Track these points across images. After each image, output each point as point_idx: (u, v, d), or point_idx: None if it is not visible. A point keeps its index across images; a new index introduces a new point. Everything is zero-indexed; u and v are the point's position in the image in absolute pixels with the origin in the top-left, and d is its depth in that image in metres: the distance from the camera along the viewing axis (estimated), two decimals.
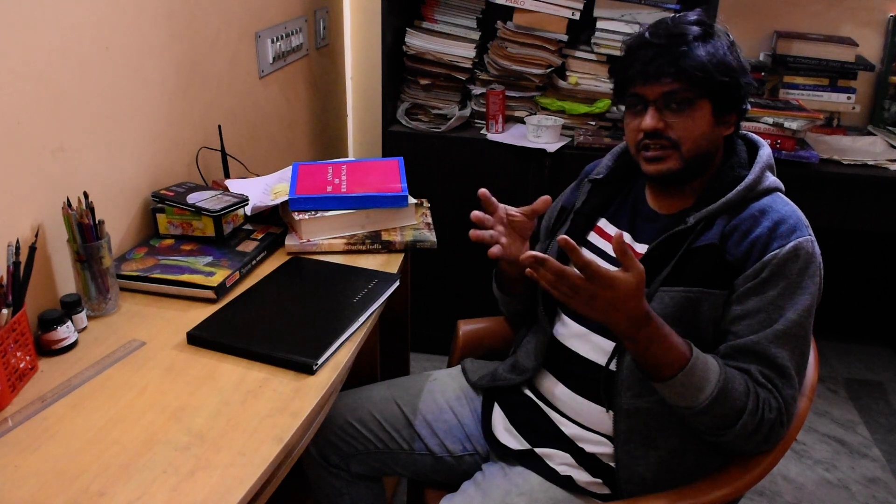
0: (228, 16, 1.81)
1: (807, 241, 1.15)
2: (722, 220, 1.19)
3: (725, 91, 1.18)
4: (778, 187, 1.24)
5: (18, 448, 0.98)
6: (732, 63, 1.18)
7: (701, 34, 1.18)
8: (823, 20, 2.55)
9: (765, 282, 1.14)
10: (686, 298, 1.16)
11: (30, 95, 1.20)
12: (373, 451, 1.39)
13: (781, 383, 1.13)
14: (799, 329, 1.13)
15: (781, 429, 1.14)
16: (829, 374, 2.64)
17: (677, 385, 1.10)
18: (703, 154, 1.21)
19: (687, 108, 1.18)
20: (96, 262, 1.26)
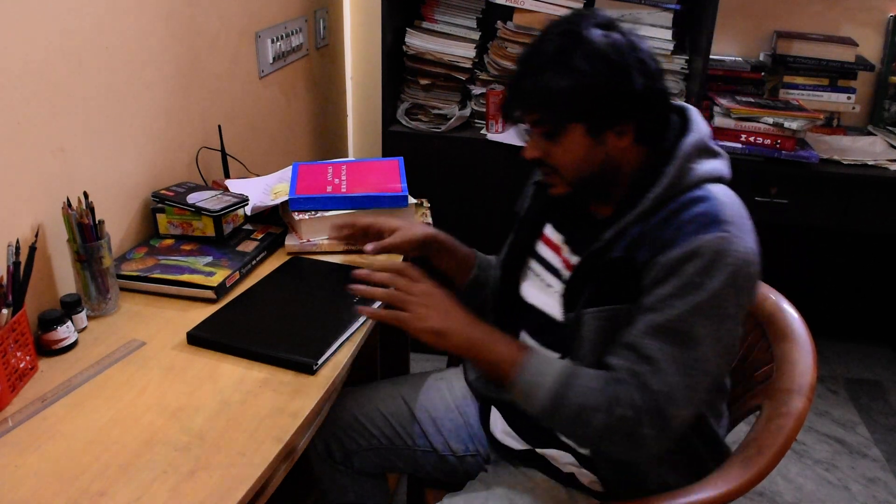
0: (228, 16, 1.81)
1: (714, 239, 1.01)
2: (637, 228, 1.08)
3: (596, 109, 1.06)
4: (705, 178, 1.09)
5: (18, 448, 0.99)
6: (602, 75, 1.04)
7: (556, 54, 1.05)
8: (823, 20, 2.55)
9: (657, 281, 1.04)
10: (602, 318, 1.09)
11: (30, 96, 1.20)
12: (376, 446, 1.39)
13: (651, 380, 1.01)
14: (679, 324, 1.01)
15: (649, 429, 1.01)
16: (829, 374, 2.64)
17: (519, 385, 1.08)
18: (589, 175, 1.11)
19: (557, 136, 1.09)
20: (96, 262, 1.26)
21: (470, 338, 1.11)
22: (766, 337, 1.31)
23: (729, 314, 1.03)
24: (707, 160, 1.11)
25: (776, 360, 1.26)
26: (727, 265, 1.01)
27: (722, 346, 1.04)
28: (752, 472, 1.14)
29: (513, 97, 1.12)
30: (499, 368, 1.10)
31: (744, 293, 1.04)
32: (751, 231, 1.06)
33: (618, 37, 1.07)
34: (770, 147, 2.23)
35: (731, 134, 2.25)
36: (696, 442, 1.17)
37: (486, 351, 1.11)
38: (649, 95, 1.07)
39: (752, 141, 2.24)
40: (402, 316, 1.12)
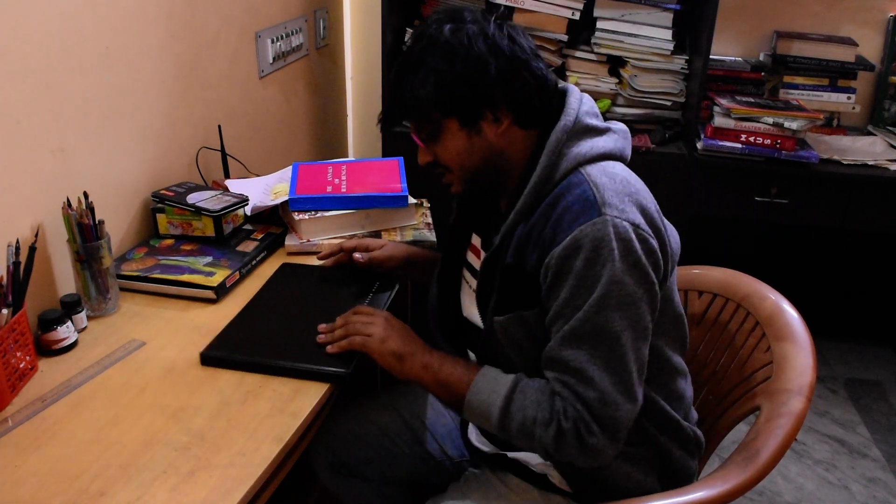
0: (228, 16, 1.81)
1: (591, 226, 0.99)
2: (521, 227, 1.07)
3: (460, 101, 1.07)
4: (581, 161, 1.06)
5: (18, 448, 0.99)
6: (457, 67, 1.05)
7: (414, 60, 1.08)
8: (823, 20, 2.55)
9: (552, 285, 1.03)
10: (512, 324, 1.09)
11: (30, 96, 1.20)
12: (375, 459, 1.39)
13: (582, 388, 1.01)
14: (592, 326, 1.00)
15: (592, 437, 1.00)
16: (829, 374, 2.64)
17: (472, 407, 1.08)
18: (479, 165, 1.11)
19: (436, 137, 1.11)
20: (96, 262, 1.26)
21: (425, 362, 1.13)
22: (765, 337, 1.31)
23: (635, 297, 1.01)
24: (585, 140, 1.09)
25: (776, 360, 1.26)
26: (612, 250, 0.99)
27: (639, 329, 1.03)
28: (752, 471, 1.14)
29: (389, 111, 1.16)
30: (453, 391, 1.11)
31: (645, 269, 1.02)
32: (635, 205, 1.03)
33: (470, 27, 1.07)
34: (770, 147, 2.23)
35: (731, 134, 2.25)
36: (653, 430, 1.16)
37: (439, 374, 1.12)
38: (509, 77, 1.06)
39: (752, 141, 2.24)
40: (364, 340, 1.16)
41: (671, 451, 1.18)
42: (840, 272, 2.86)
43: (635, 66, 2.29)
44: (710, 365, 1.41)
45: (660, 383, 1.16)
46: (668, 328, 1.15)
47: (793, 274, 2.81)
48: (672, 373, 1.20)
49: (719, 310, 1.42)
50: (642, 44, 2.28)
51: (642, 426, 1.14)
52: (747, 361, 1.33)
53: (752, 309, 1.36)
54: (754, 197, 2.28)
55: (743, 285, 1.39)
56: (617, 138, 1.12)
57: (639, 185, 1.08)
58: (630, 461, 1.15)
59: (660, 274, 1.06)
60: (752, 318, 1.35)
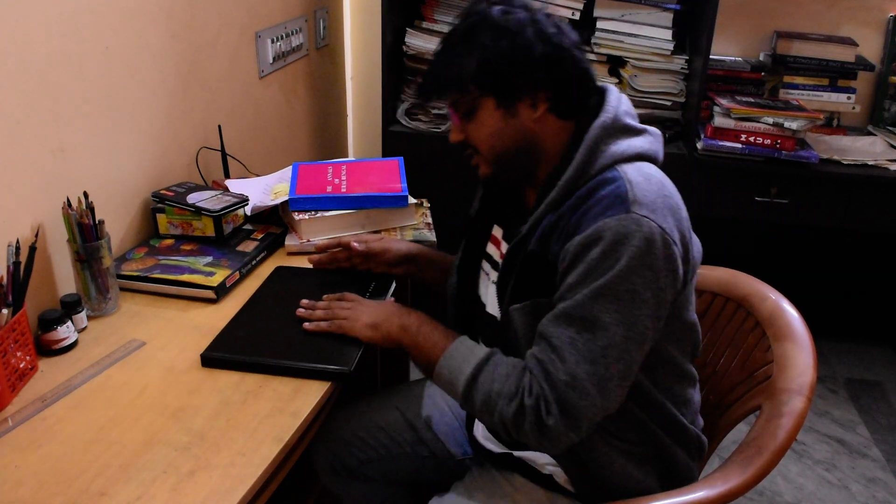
0: (228, 16, 1.81)
1: (617, 221, 0.99)
2: (549, 217, 1.08)
3: (497, 83, 1.08)
4: (618, 159, 1.07)
5: (18, 448, 0.99)
6: (502, 47, 1.06)
7: (461, 35, 1.09)
8: (823, 20, 2.55)
9: (565, 271, 1.03)
10: (527, 313, 1.09)
11: (30, 95, 1.20)
12: (375, 458, 1.38)
13: (554, 367, 1.00)
14: (583, 310, 1.00)
15: (550, 418, 1.00)
16: (829, 374, 2.64)
17: (442, 372, 1.10)
18: (510, 149, 1.11)
19: (471, 114, 1.11)
20: (96, 262, 1.26)
21: (402, 324, 1.17)
22: (766, 337, 1.31)
23: (641, 297, 1.00)
24: (623, 139, 1.09)
25: (776, 360, 1.26)
26: (631, 247, 0.98)
27: (635, 331, 1.01)
28: (752, 471, 1.14)
29: (426, 81, 1.15)
30: (428, 355, 1.14)
31: (660, 274, 1.00)
32: (666, 209, 1.03)
33: (519, 12, 1.09)
34: (770, 147, 2.23)
35: (731, 134, 2.26)
36: (660, 432, 1.16)
37: (416, 336, 1.15)
38: (552, 62, 1.07)
39: (752, 141, 2.24)
40: (339, 322, 1.20)
41: (675, 453, 1.18)
42: (840, 272, 2.86)
43: (635, 66, 2.29)
44: (710, 364, 1.41)
45: (668, 387, 1.16)
46: (681, 334, 1.15)
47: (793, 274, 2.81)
48: (681, 378, 1.20)
49: (719, 309, 1.42)
50: (642, 44, 2.28)
51: (647, 427, 1.14)
52: (747, 361, 1.33)
53: (752, 309, 1.36)
54: (754, 197, 2.28)
55: (743, 285, 1.39)
56: (653, 140, 1.12)
57: (672, 190, 1.07)
58: (633, 461, 1.15)
59: (677, 283, 1.05)
60: (753, 317, 1.35)
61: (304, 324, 1.21)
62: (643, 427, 1.14)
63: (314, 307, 1.24)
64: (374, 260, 1.41)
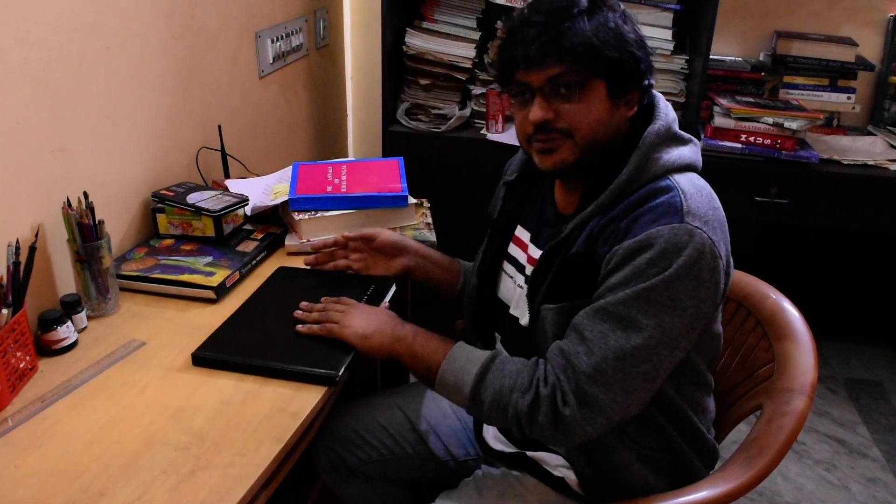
0: (228, 16, 1.81)
1: (670, 230, 0.98)
2: (597, 220, 1.07)
3: (620, 68, 1.04)
4: (670, 168, 1.06)
5: (18, 448, 0.98)
6: (627, 35, 1.05)
7: (587, 6, 1.04)
8: (823, 20, 2.55)
9: (610, 271, 1.02)
10: (562, 313, 1.08)
11: (30, 95, 1.20)
12: (377, 458, 1.38)
13: (578, 359, 1.00)
14: (622, 308, 0.99)
15: (567, 408, 1.00)
16: (829, 374, 2.64)
17: (446, 374, 1.09)
18: (602, 141, 1.08)
19: (577, 92, 1.05)
20: (96, 262, 1.26)
21: (395, 334, 1.15)
22: (766, 336, 1.31)
23: (682, 305, 0.99)
24: (673, 148, 1.09)
25: (777, 360, 1.26)
26: (681, 256, 0.98)
27: (669, 338, 1.00)
28: (753, 471, 1.14)
29: (538, 41, 1.03)
30: (426, 361, 1.12)
31: (703, 286, 1.00)
32: (716, 223, 1.03)
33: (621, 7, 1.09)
34: (770, 147, 2.23)
35: (731, 134, 2.25)
36: (679, 439, 1.16)
37: (412, 345, 1.14)
38: (651, 68, 1.09)
39: (752, 141, 2.24)
40: (330, 327, 1.19)
41: (691, 461, 1.18)
42: (840, 272, 2.86)
43: None
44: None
45: (690, 395, 1.16)
46: (707, 346, 1.15)
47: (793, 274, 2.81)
48: (701, 387, 1.20)
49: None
50: None
51: (667, 433, 1.14)
52: (748, 360, 1.33)
53: (753, 308, 1.36)
54: (754, 197, 2.28)
55: (744, 285, 1.39)
56: (696, 150, 1.12)
57: (718, 204, 1.07)
58: (650, 466, 1.15)
59: (717, 296, 1.05)
60: (753, 317, 1.35)
61: (297, 326, 1.21)
62: (663, 433, 1.14)
63: (311, 309, 1.24)
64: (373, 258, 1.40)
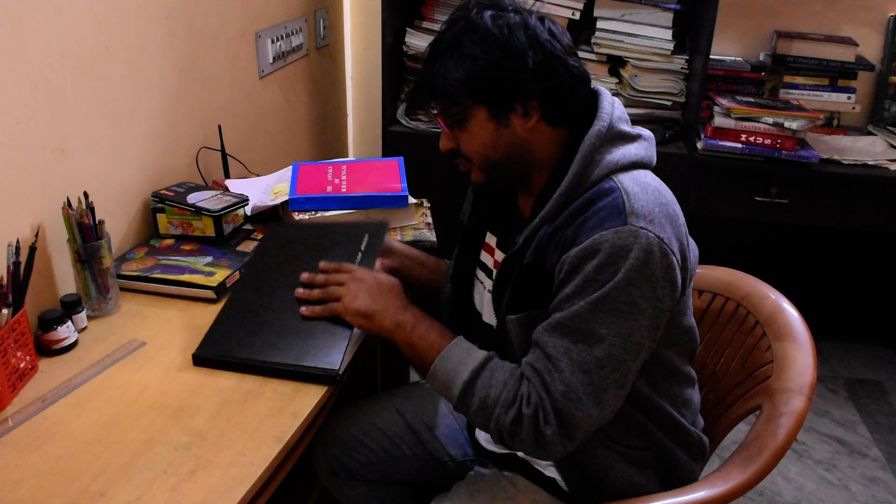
0: (228, 16, 1.81)
1: (615, 234, 0.98)
2: (545, 229, 1.06)
3: (493, 90, 1.05)
4: (614, 168, 1.05)
5: (18, 448, 0.99)
6: (494, 56, 1.03)
7: (449, 42, 1.06)
8: (823, 20, 2.55)
9: (561, 282, 1.02)
10: (522, 324, 1.09)
11: (30, 95, 1.20)
12: (376, 461, 1.38)
13: (550, 377, 1.01)
14: (579, 321, 0.99)
15: (548, 428, 1.00)
16: (829, 374, 2.64)
17: (438, 373, 1.09)
18: (501, 160, 1.09)
19: (462, 123, 1.08)
20: (96, 262, 1.26)
21: (397, 320, 1.14)
22: (766, 336, 1.31)
23: (639, 308, 0.99)
24: (617, 147, 1.07)
25: (776, 360, 1.26)
26: (629, 259, 0.97)
27: (632, 342, 1.01)
28: (752, 471, 1.14)
29: (415, 89, 1.12)
30: (422, 354, 1.12)
31: (658, 286, 1.00)
32: (664, 218, 1.02)
33: (511, 17, 1.05)
34: (770, 147, 2.23)
35: (732, 134, 2.25)
36: (660, 434, 1.16)
37: (411, 335, 1.13)
38: (545, 71, 1.05)
39: (752, 141, 2.24)
40: (333, 305, 1.16)
41: (677, 455, 1.18)
42: (840, 272, 2.86)
43: (635, 66, 2.29)
44: (710, 364, 1.41)
45: (666, 390, 1.16)
46: (679, 339, 1.15)
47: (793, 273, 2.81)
48: (679, 380, 1.20)
49: (719, 309, 1.42)
50: (642, 44, 2.28)
51: (648, 431, 1.14)
52: (747, 361, 1.33)
53: (752, 308, 1.36)
54: (754, 197, 2.28)
55: (743, 285, 1.40)
56: (647, 146, 1.11)
57: (669, 197, 1.07)
58: (635, 465, 1.15)
59: (676, 292, 1.04)
60: (753, 317, 1.35)
61: (301, 308, 1.18)
62: (644, 431, 1.14)
63: (312, 282, 1.21)
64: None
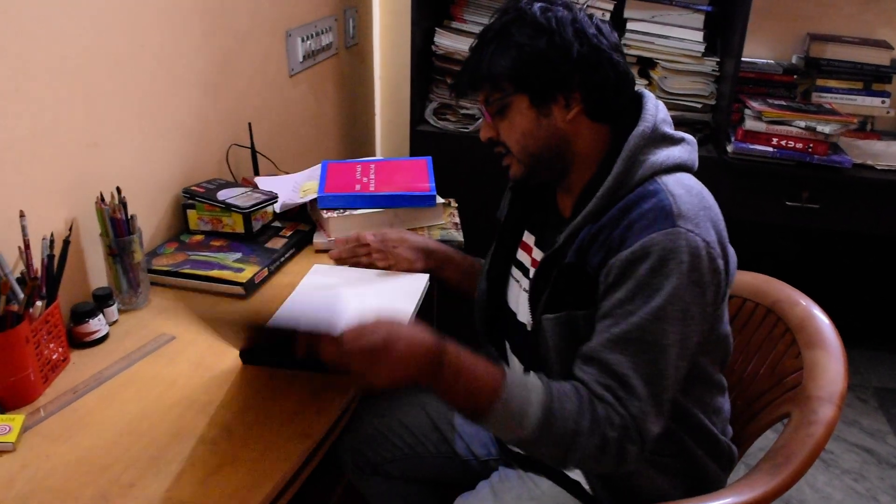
0: (260, 15, 1.82)
1: (664, 236, 0.97)
2: (587, 229, 1.05)
3: (535, 79, 1.06)
4: (658, 170, 1.04)
5: (50, 438, 1.00)
6: (539, 45, 1.04)
7: (497, 30, 1.08)
8: (858, 22, 2.51)
9: (610, 287, 1.01)
10: (560, 324, 1.07)
11: (66, 92, 1.22)
12: (400, 457, 1.39)
13: (625, 395, 0.98)
14: (643, 333, 0.98)
15: (633, 446, 0.99)
16: (859, 383, 2.60)
17: (499, 415, 0.98)
18: (539, 152, 1.10)
19: (504, 111, 1.10)
20: (128, 257, 1.28)
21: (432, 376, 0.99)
22: (795, 343, 1.29)
23: (691, 314, 0.99)
24: (661, 149, 1.07)
25: (806, 367, 1.24)
26: (680, 262, 0.97)
27: (686, 348, 1.01)
28: (780, 479, 1.13)
29: (460, 76, 1.13)
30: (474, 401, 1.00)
31: (707, 290, 1.00)
32: (709, 222, 1.02)
33: (560, 10, 1.07)
34: (802, 151, 2.21)
35: (763, 137, 2.23)
36: (690, 442, 1.14)
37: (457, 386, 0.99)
38: (589, 64, 1.05)
39: (784, 145, 2.21)
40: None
41: (706, 465, 1.17)
42: (872, 278, 2.82)
43: (665, 68, 2.27)
44: (738, 370, 1.39)
45: (699, 397, 1.15)
46: (714, 347, 1.14)
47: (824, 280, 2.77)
48: (712, 388, 1.19)
49: (749, 314, 1.40)
50: (673, 45, 2.26)
51: (679, 438, 1.13)
52: (777, 367, 1.32)
53: (782, 314, 1.34)
54: (785, 201, 2.25)
55: (773, 290, 1.38)
56: (690, 150, 1.11)
57: (711, 201, 1.06)
58: (663, 472, 1.14)
59: (719, 296, 1.04)
60: (783, 323, 1.33)
61: None
62: (674, 438, 1.13)
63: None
64: (393, 253, 1.41)
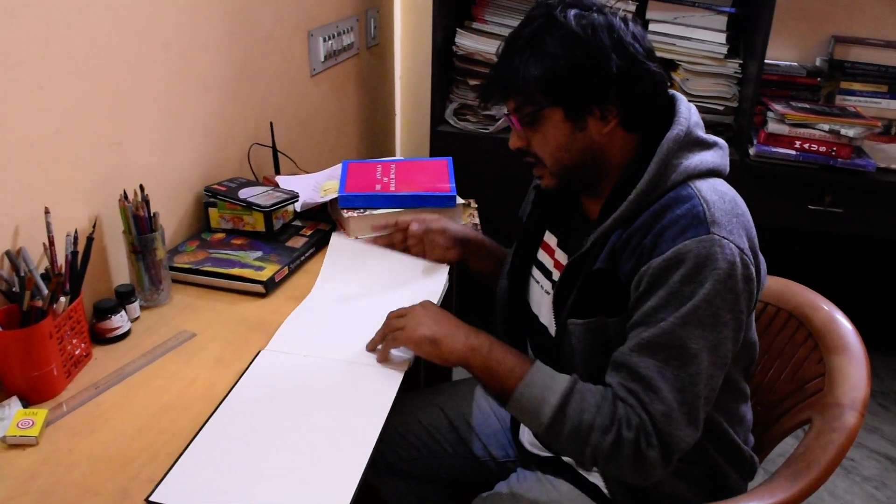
0: (282, 14, 1.83)
1: (698, 243, 0.96)
2: (618, 233, 1.04)
3: (571, 93, 1.02)
4: (690, 174, 1.03)
5: (72, 433, 1.01)
6: (576, 57, 1.00)
7: (530, 38, 1.03)
8: (883, 25, 2.48)
9: (643, 294, 0.99)
10: (589, 330, 1.06)
11: (91, 91, 1.23)
12: (417, 457, 1.39)
13: (648, 398, 0.97)
14: (670, 338, 0.97)
15: (652, 451, 0.97)
16: (881, 389, 2.57)
17: (523, 398, 1.03)
18: (574, 164, 1.07)
19: (536, 123, 1.05)
20: (150, 254, 1.29)
21: (470, 344, 1.10)
22: (817, 349, 1.28)
23: (724, 321, 0.98)
24: (695, 154, 1.05)
25: (828, 373, 1.23)
26: (714, 270, 0.96)
27: (719, 356, 0.99)
28: (800, 486, 1.12)
29: (490, 84, 1.08)
30: (500, 380, 1.07)
31: (740, 297, 0.98)
32: (742, 229, 1.00)
33: (596, 17, 1.02)
34: (825, 154, 2.18)
35: (786, 140, 2.21)
36: (713, 451, 1.14)
37: (488, 359, 1.08)
38: (628, 77, 1.02)
39: (807, 148, 2.19)
40: (397, 335, 1.13)
41: (727, 474, 1.16)
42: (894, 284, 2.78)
43: (688, 70, 2.26)
44: (759, 375, 1.38)
45: (724, 405, 1.14)
46: (741, 354, 1.12)
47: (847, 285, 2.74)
48: (737, 396, 1.18)
49: (770, 319, 1.39)
50: (695, 47, 2.25)
51: (702, 446, 1.12)
52: (798, 373, 1.31)
53: (804, 319, 1.33)
54: (808, 205, 2.23)
55: (796, 295, 1.37)
56: (723, 154, 1.09)
57: (744, 207, 1.05)
58: (684, 479, 1.13)
59: (752, 303, 1.03)
60: (805, 328, 1.32)
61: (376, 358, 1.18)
62: (697, 445, 1.12)
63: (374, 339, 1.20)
64: (430, 242, 1.39)
